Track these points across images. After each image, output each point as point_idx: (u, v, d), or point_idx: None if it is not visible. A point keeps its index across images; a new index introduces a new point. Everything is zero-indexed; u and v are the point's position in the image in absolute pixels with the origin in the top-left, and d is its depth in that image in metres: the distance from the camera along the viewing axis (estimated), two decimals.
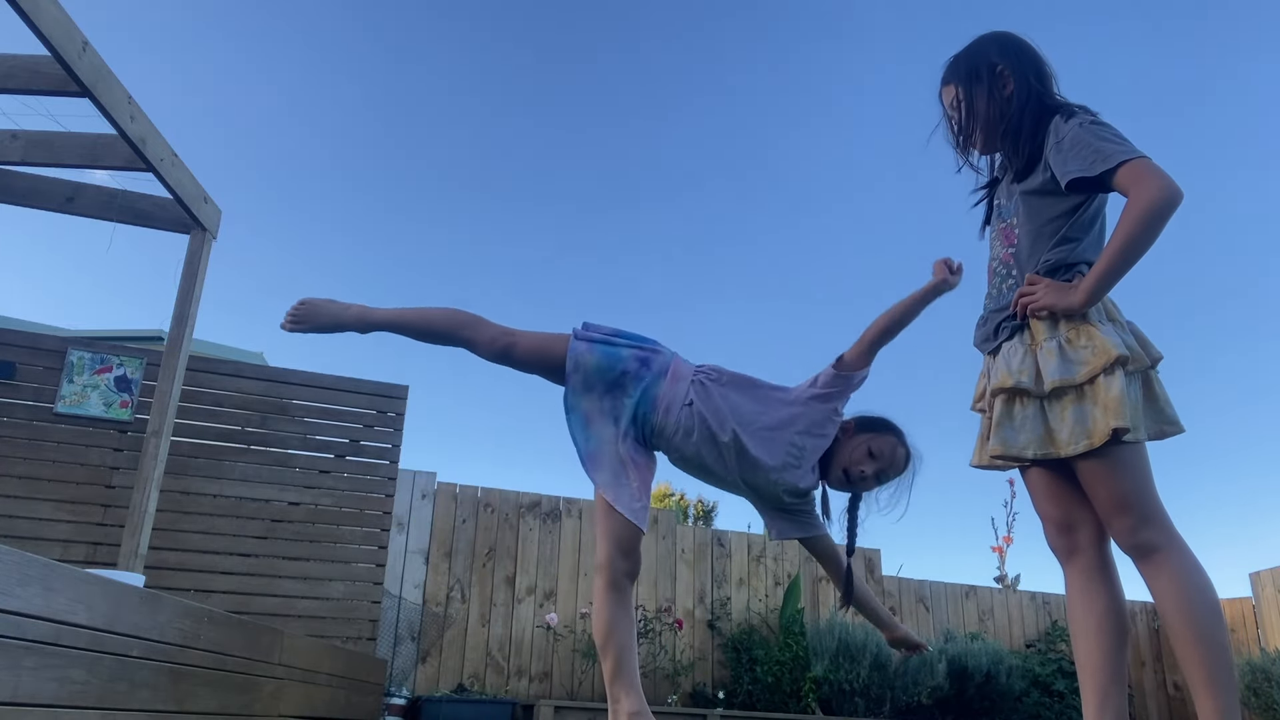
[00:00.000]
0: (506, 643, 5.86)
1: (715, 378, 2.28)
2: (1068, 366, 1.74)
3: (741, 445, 2.19)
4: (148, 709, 2.17)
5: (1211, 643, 1.63)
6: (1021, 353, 1.83)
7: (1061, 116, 1.84)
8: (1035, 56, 1.97)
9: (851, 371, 2.25)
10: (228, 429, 5.43)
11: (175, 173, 4.23)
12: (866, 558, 7.16)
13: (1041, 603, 7.64)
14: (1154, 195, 1.67)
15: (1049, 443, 1.77)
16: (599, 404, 2.26)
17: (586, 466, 2.25)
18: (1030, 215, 1.89)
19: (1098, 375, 1.71)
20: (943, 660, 6.18)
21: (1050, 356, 1.77)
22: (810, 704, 5.73)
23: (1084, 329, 1.77)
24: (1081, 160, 1.75)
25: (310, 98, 13.15)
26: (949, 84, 2.04)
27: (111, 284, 19.51)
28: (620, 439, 2.23)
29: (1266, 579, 7.27)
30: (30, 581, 1.72)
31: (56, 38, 3.29)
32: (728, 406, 2.22)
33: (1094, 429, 1.70)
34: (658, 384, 2.23)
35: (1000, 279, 1.97)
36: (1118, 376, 1.70)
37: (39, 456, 5.00)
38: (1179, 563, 1.69)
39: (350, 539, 5.50)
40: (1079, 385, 1.73)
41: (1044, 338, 1.81)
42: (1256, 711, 6.38)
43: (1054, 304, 1.78)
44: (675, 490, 8.01)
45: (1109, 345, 1.72)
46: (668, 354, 2.31)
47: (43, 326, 8.23)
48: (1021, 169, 1.91)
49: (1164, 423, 1.82)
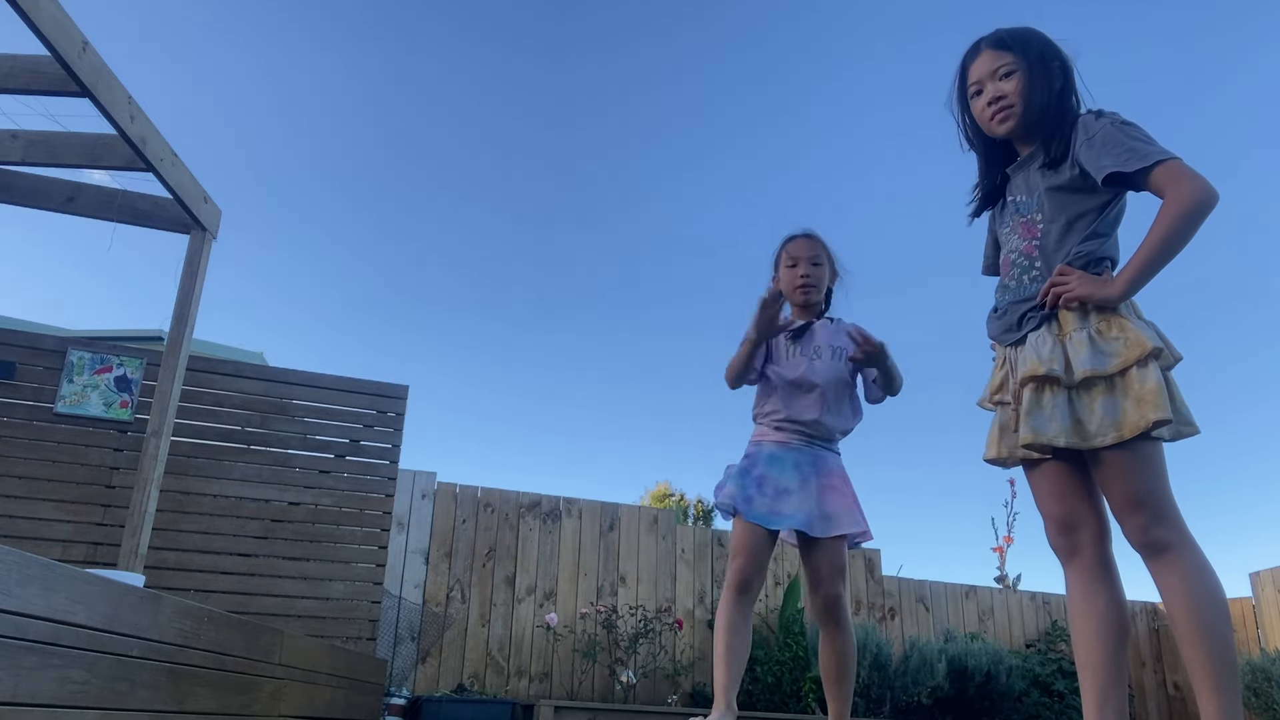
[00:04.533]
0: (506, 643, 5.86)
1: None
2: (1099, 357, 1.74)
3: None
4: (148, 709, 2.17)
5: (1218, 644, 1.62)
6: (1050, 342, 1.82)
7: (1092, 115, 1.86)
8: (1065, 57, 1.98)
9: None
10: (228, 429, 5.43)
11: (175, 173, 4.23)
12: (866, 558, 7.16)
13: (1041, 603, 7.64)
14: (1194, 195, 1.69)
15: (1076, 433, 1.75)
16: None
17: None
18: (1057, 210, 1.89)
19: (1130, 367, 1.71)
20: (943, 660, 6.17)
21: (1081, 347, 1.76)
22: (810, 704, 5.73)
23: (1115, 320, 1.77)
24: (1115, 157, 1.76)
25: (310, 97, 13.15)
26: (1006, 51, 1.95)
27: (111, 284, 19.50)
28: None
29: (1266, 579, 7.27)
30: (30, 581, 1.72)
31: (56, 38, 3.29)
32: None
33: (1124, 421, 1.70)
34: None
35: (1021, 270, 1.95)
36: (1152, 369, 1.70)
37: (39, 456, 5.00)
38: (1191, 563, 1.68)
39: (350, 539, 5.50)
40: (1110, 376, 1.73)
41: (1073, 328, 1.80)
42: (1256, 711, 6.38)
43: (1090, 294, 1.78)
44: (675, 490, 8.01)
45: (1143, 337, 1.72)
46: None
47: (43, 326, 8.22)
48: (1049, 163, 1.91)
49: (1181, 423, 1.81)
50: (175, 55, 10.91)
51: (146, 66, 8.17)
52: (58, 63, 3.40)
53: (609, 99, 13.30)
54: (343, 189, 14.04)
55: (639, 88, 13.20)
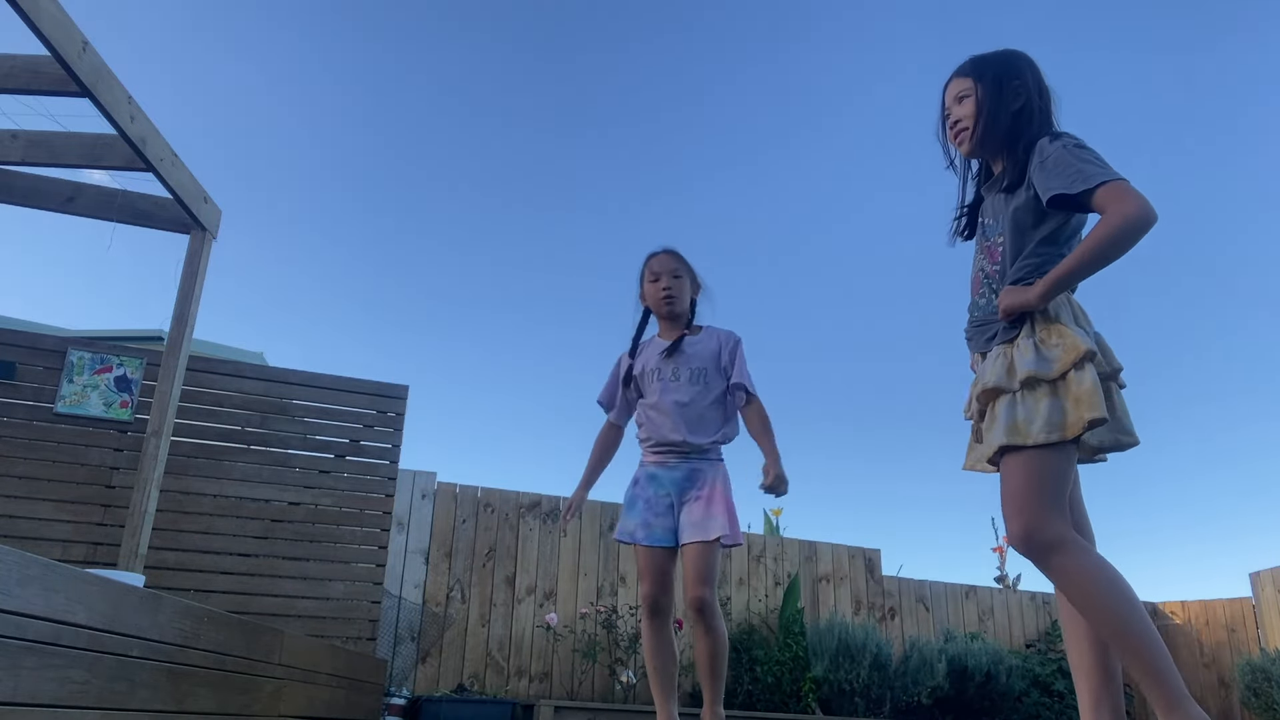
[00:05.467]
0: (506, 643, 5.86)
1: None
2: (1042, 362, 1.80)
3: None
4: (148, 709, 2.17)
5: (1134, 630, 1.61)
6: (1001, 357, 1.89)
7: (1048, 139, 1.90)
8: (1044, 81, 2.05)
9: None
10: (228, 429, 5.42)
11: (175, 173, 4.23)
12: (866, 557, 7.17)
13: (1041, 603, 7.64)
14: (1129, 213, 1.73)
15: (1015, 433, 1.78)
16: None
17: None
18: (1017, 232, 1.95)
19: (1069, 370, 1.76)
20: (943, 660, 6.18)
21: (1026, 353, 1.83)
22: (810, 704, 5.73)
23: (1055, 328, 1.83)
24: (1063, 179, 1.81)
25: (311, 97, 13.15)
26: (966, 78, 2.06)
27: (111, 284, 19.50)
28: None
29: (1266, 579, 7.27)
30: (30, 581, 1.72)
31: (56, 38, 3.28)
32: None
33: (1065, 422, 1.74)
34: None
35: (988, 289, 2.03)
36: (1088, 371, 1.76)
37: (39, 456, 5.00)
38: (1081, 562, 1.69)
39: (350, 539, 5.49)
40: (1052, 381, 1.78)
41: (1022, 337, 1.87)
42: (1256, 711, 6.38)
43: (1012, 304, 1.86)
44: None
45: (1078, 341, 1.78)
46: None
47: (43, 326, 8.23)
48: (1008, 186, 1.98)
49: (1120, 433, 1.89)
50: (175, 55, 10.91)
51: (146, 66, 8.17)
52: (58, 63, 3.40)
53: (611, 99, 13.30)
54: (343, 189, 14.04)
55: (639, 88, 13.21)
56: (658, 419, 2.86)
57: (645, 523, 2.79)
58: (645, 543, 2.77)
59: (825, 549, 7.05)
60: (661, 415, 2.85)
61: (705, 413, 2.85)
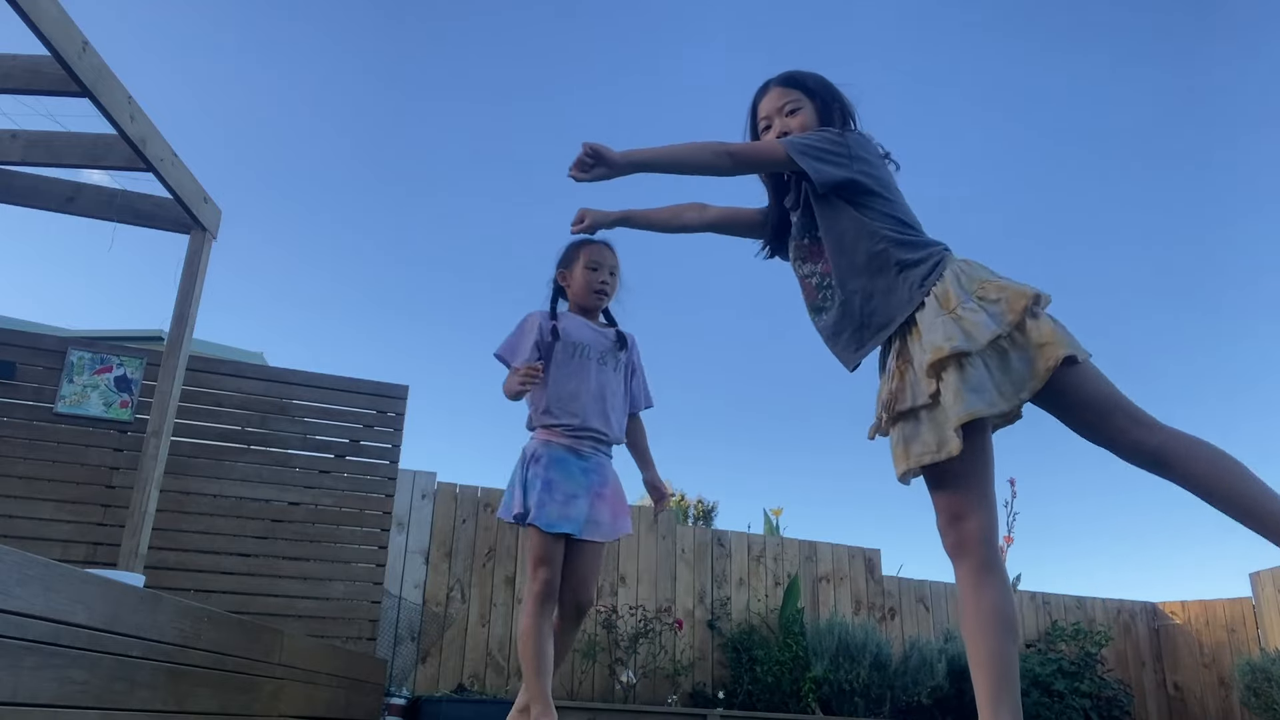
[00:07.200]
0: (506, 643, 5.86)
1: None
2: (997, 319, 1.72)
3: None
4: (148, 709, 2.17)
5: (1251, 483, 1.65)
6: (940, 323, 1.76)
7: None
8: (846, 101, 2.14)
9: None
10: (228, 429, 5.42)
11: (175, 173, 4.23)
12: (866, 557, 7.17)
13: (1041, 603, 7.64)
14: (749, 148, 2.00)
15: (1001, 399, 1.72)
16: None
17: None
18: (827, 224, 1.97)
19: (1022, 319, 1.72)
20: (943, 660, 6.18)
21: (977, 313, 1.73)
22: (810, 704, 5.73)
23: (989, 284, 1.77)
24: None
25: (310, 97, 13.16)
26: (790, 88, 2.12)
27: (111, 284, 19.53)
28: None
29: (1266, 579, 7.27)
30: (30, 581, 1.72)
31: (56, 38, 3.28)
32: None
33: (1037, 370, 1.70)
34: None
35: (827, 289, 1.99)
36: (1042, 317, 1.73)
37: (39, 456, 5.00)
38: (1189, 441, 1.71)
39: (350, 539, 5.49)
40: (1010, 335, 1.72)
41: (956, 303, 1.76)
42: (1256, 711, 6.38)
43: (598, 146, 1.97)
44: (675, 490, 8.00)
45: (1021, 287, 1.75)
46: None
47: (43, 326, 8.23)
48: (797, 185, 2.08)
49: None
50: (175, 55, 10.91)
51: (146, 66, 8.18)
52: (58, 63, 3.40)
53: (611, 102, 13.30)
54: (343, 189, 14.05)
55: (641, 88, 13.21)
56: (586, 400, 2.67)
57: (564, 514, 2.63)
58: (567, 531, 2.63)
59: (825, 549, 7.06)
60: (590, 399, 2.68)
61: (620, 407, 2.78)
